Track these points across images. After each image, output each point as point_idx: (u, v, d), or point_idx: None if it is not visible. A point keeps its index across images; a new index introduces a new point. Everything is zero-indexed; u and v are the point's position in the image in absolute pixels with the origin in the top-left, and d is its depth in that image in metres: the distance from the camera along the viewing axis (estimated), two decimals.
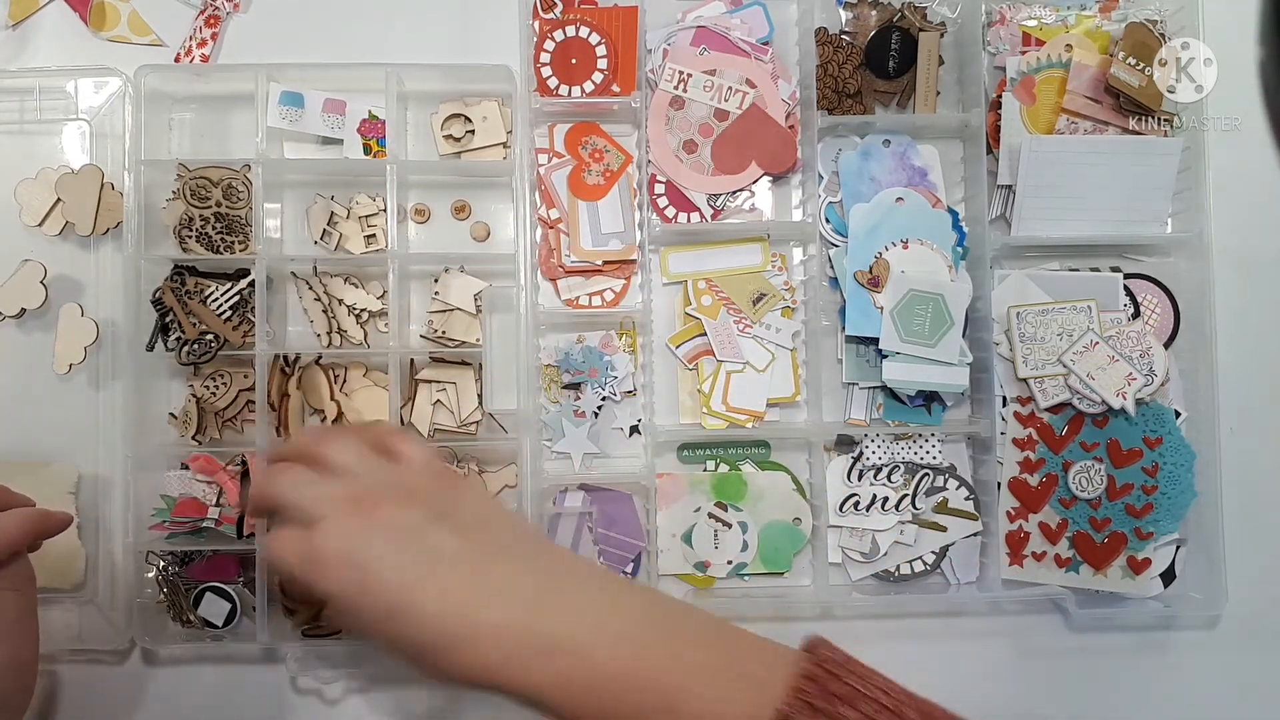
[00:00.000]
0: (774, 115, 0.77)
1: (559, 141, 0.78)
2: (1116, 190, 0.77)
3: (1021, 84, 0.77)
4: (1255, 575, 0.77)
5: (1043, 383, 0.76)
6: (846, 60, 0.77)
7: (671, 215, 0.77)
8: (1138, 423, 0.76)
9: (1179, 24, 0.77)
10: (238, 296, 0.74)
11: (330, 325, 0.76)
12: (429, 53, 0.77)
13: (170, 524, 0.73)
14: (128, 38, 0.78)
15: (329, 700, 0.75)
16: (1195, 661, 0.78)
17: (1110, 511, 0.76)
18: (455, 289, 0.76)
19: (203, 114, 0.78)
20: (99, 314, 0.75)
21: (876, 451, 0.76)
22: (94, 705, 0.75)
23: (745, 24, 0.78)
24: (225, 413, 0.76)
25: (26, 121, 0.77)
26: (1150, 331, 0.76)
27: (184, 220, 0.74)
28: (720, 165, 0.77)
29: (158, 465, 0.75)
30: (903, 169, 0.78)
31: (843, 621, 0.77)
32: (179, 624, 0.74)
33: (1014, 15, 0.79)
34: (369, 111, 0.77)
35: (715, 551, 0.76)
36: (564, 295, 0.77)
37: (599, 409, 0.77)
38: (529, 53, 0.76)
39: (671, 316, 0.78)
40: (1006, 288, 0.77)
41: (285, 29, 0.79)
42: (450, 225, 0.79)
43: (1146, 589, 0.76)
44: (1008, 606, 0.78)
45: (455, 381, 0.76)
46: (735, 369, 0.76)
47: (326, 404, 0.75)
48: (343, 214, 0.77)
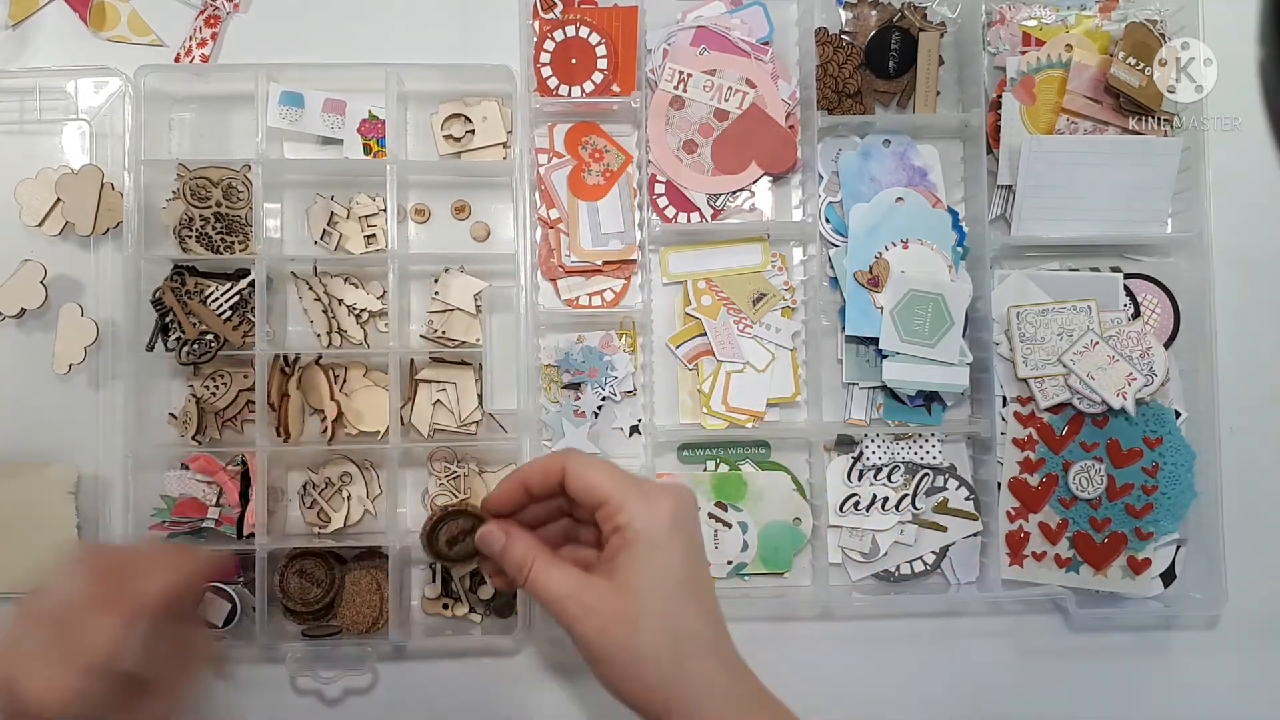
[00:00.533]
0: (774, 115, 0.77)
1: (559, 141, 0.78)
2: (1116, 190, 0.77)
3: (1021, 84, 0.77)
4: (1255, 575, 0.77)
5: (1043, 383, 0.76)
6: (846, 60, 0.77)
7: (671, 215, 0.77)
8: (1138, 423, 0.76)
9: (1179, 24, 0.77)
10: (238, 296, 0.74)
11: (330, 325, 0.76)
12: (429, 53, 0.77)
13: (170, 524, 0.73)
14: (128, 38, 0.78)
15: (329, 700, 0.75)
16: (1195, 661, 0.78)
17: (1110, 511, 0.76)
18: (455, 289, 0.76)
19: (203, 114, 0.78)
20: (99, 314, 0.75)
21: (876, 451, 0.76)
22: None
23: (745, 24, 0.78)
24: (225, 413, 0.76)
25: (26, 121, 0.77)
26: (1150, 331, 0.76)
27: (184, 220, 0.74)
28: (720, 165, 0.77)
29: (158, 465, 0.75)
30: (903, 169, 0.78)
31: (843, 622, 0.77)
32: None
33: (1014, 15, 0.79)
34: (369, 111, 0.77)
35: (715, 551, 0.76)
36: (564, 295, 0.77)
37: (599, 409, 0.77)
38: (529, 53, 0.76)
39: (671, 316, 0.78)
40: (1006, 288, 0.77)
41: (285, 29, 0.79)
42: (450, 225, 0.79)
43: (1146, 589, 0.76)
44: (1008, 606, 0.78)
45: (455, 381, 0.76)
46: (735, 369, 0.76)
47: (326, 404, 0.75)
48: (343, 214, 0.77)
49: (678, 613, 0.54)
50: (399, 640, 0.73)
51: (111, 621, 0.55)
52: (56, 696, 0.53)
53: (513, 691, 0.76)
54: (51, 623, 0.55)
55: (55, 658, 0.54)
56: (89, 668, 0.53)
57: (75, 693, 0.53)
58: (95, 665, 0.53)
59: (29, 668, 0.53)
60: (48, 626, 0.55)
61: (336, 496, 0.76)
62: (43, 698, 0.52)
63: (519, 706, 0.75)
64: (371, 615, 0.73)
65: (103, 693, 0.54)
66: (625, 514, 0.54)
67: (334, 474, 0.76)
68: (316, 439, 0.76)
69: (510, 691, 0.76)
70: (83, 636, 0.54)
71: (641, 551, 0.54)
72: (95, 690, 0.54)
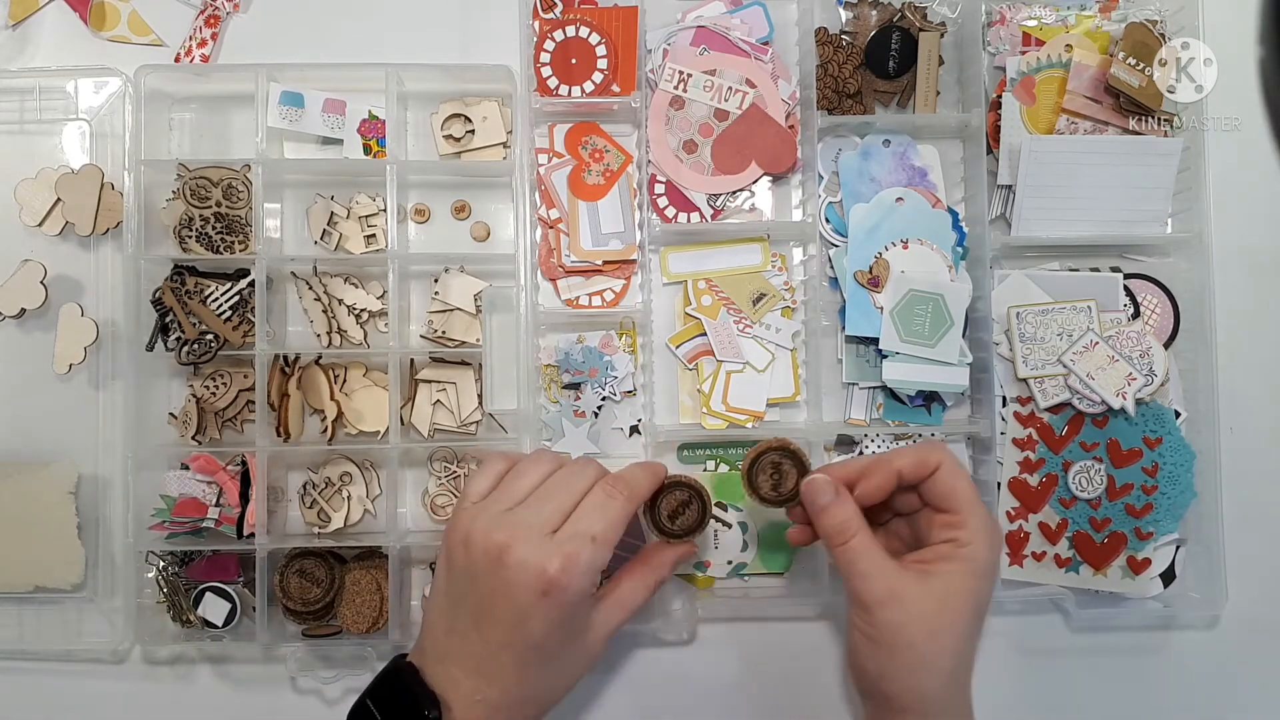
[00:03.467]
0: (774, 115, 0.77)
1: (559, 141, 0.78)
2: (1116, 190, 0.77)
3: (1021, 84, 0.77)
4: (1255, 575, 0.77)
5: (1043, 383, 0.76)
6: (846, 60, 0.77)
7: (671, 215, 0.77)
8: (1138, 423, 0.76)
9: (1179, 24, 0.77)
10: (238, 296, 0.74)
11: (330, 325, 0.76)
12: (429, 53, 0.77)
13: (170, 524, 0.73)
14: (128, 38, 0.78)
15: (329, 700, 0.75)
16: (1195, 661, 0.78)
17: (1110, 511, 0.76)
18: (455, 289, 0.76)
19: (203, 114, 0.78)
20: (99, 314, 0.75)
21: (877, 452, 0.76)
22: (94, 705, 0.75)
23: (745, 24, 0.78)
24: (225, 413, 0.76)
25: (26, 121, 0.77)
26: (1150, 331, 0.76)
27: (184, 220, 0.74)
28: (720, 165, 0.77)
29: (158, 465, 0.75)
30: (903, 169, 0.78)
31: (843, 622, 0.77)
32: (179, 624, 0.74)
33: (1014, 15, 0.79)
34: (369, 111, 0.77)
35: (715, 551, 0.76)
36: (564, 295, 0.78)
37: (599, 409, 0.77)
38: (529, 53, 0.76)
39: (671, 316, 0.78)
40: (1006, 288, 0.77)
41: (285, 29, 0.79)
42: (450, 225, 0.79)
43: (1146, 589, 0.76)
44: (1008, 606, 0.78)
45: (455, 381, 0.76)
46: (735, 369, 0.76)
47: (326, 404, 0.75)
48: (343, 214, 0.77)
49: (969, 640, 0.57)
50: (399, 640, 0.73)
51: (614, 502, 0.59)
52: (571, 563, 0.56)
53: None
54: (548, 499, 0.59)
55: (572, 530, 0.58)
56: (597, 538, 0.57)
57: (587, 561, 0.57)
58: (603, 537, 0.57)
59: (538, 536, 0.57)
60: (540, 501, 0.59)
61: (336, 496, 0.76)
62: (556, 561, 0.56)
63: None
64: (371, 615, 0.73)
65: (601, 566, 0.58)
66: (969, 533, 0.57)
67: (334, 474, 0.76)
68: (316, 439, 0.76)
69: None
70: (587, 511, 0.59)
71: (968, 572, 0.56)
72: (602, 562, 0.58)
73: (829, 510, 0.58)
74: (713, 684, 0.76)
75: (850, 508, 0.58)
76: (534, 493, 0.60)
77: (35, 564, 0.73)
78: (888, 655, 0.56)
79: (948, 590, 0.56)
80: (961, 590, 0.56)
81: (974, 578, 0.57)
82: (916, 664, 0.55)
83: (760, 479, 0.62)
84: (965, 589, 0.56)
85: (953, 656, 0.56)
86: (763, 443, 0.62)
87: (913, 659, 0.55)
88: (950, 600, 0.56)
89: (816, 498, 0.58)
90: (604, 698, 0.76)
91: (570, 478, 0.61)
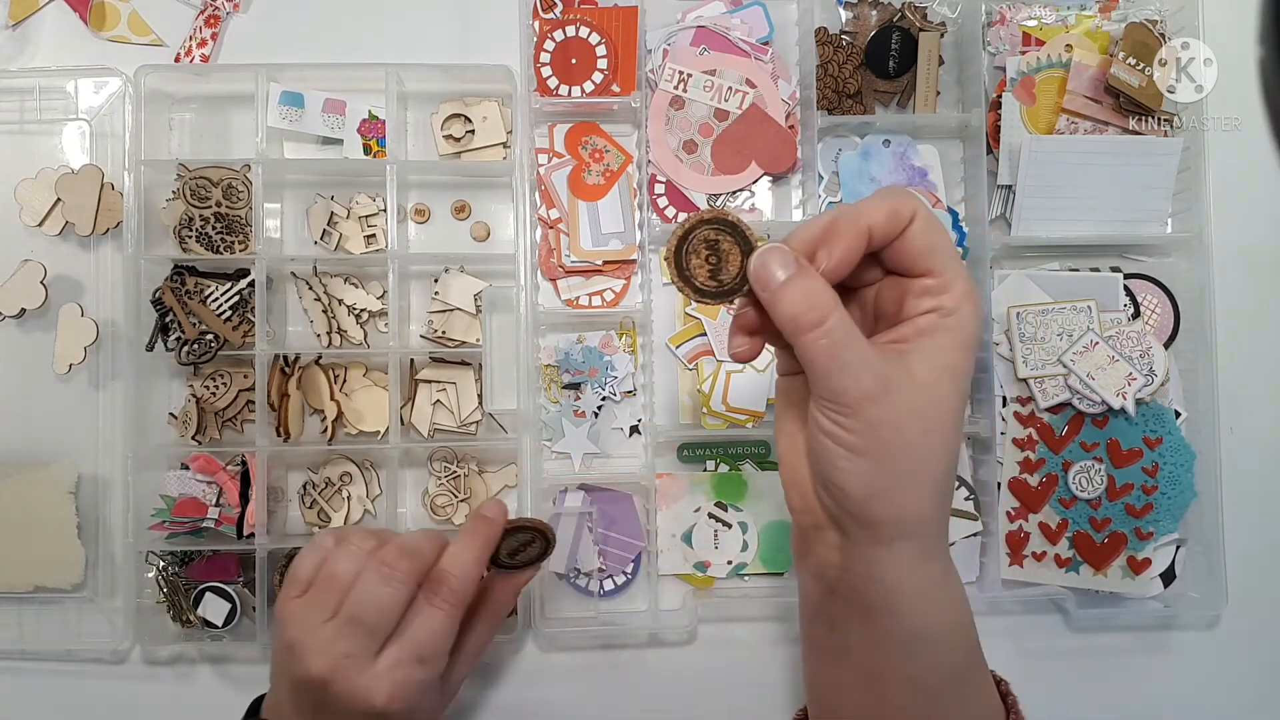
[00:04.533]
0: (774, 115, 0.77)
1: (559, 141, 0.78)
2: (1116, 190, 0.77)
3: (1021, 84, 0.77)
4: (1255, 575, 0.77)
5: (1043, 383, 0.76)
6: (846, 60, 0.77)
7: (671, 215, 0.77)
8: (1138, 423, 0.76)
9: (1179, 24, 0.77)
10: (238, 296, 0.74)
11: (330, 325, 0.76)
12: (429, 53, 0.77)
13: (170, 524, 0.73)
14: (128, 38, 0.78)
15: None
16: (1195, 661, 0.78)
17: (1110, 511, 0.76)
18: (455, 289, 0.76)
19: (203, 114, 0.78)
20: (99, 314, 0.75)
21: None
22: (94, 705, 0.75)
23: (745, 24, 0.78)
24: (225, 413, 0.76)
25: (26, 121, 0.77)
26: (1150, 331, 0.76)
27: (184, 220, 0.74)
28: (720, 165, 0.77)
29: (158, 465, 0.75)
30: (903, 169, 0.78)
31: None
32: (179, 624, 0.74)
33: (1014, 15, 0.79)
34: (369, 111, 0.77)
35: (715, 551, 0.76)
36: (564, 295, 0.78)
37: (599, 409, 0.77)
38: (529, 53, 0.76)
39: (671, 316, 0.78)
40: (1006, 288, 0.77)
41: (285, 29, 0.79)
42: (450, 225, 0.79)
43: (1146, 589, 0.76)
44: (1008, 606, 0.78)
45: (455, 381, 0.76)
46: (735, 369, 0.76)
47: (326, 404, 0.75)
48: (343, 214, 0.77)
49: (959, 433, 0.47)
50: None
51: (439, 614, 0.55)
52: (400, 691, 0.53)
53: (513, 689, 0.75)
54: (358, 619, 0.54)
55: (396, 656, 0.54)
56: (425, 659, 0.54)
57: (417, 685, 0.54)
58: (432, 655, 0.54)
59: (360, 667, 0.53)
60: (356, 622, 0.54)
61: (336, 496, 0.76)
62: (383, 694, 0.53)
63: (520, 702, 0.75)
64: None
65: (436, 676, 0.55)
66: (954, 297, 0.45)
67: (334, 474, 0.76)
68: (316, 439, 0.76)
69: (511, 689, 0.75)
70: (412, 631, 0.55)
71: (955, 344, 0.45)
72: (436, 675, 0.55)
73: (790, 286, 0.43)
74: (713, 684, 0.76)
75: (818, 281, 0.44)
76: (350, 595, 0.55)
77: (35, 564, 0.73)
78: (881, 466, 0.44)
79: (935, 371, 0.44)
80: (950, 368, 0.45)
81: (962, 350, 0.45)
82: (914, 470, 0.44)
83: (693, 263, 0.46)
84: (954, 366, 0.45)
85: (949, 455, 0.45)
86: (692, 215, 0.46)
87: (909, 465, 0.44)
88: (940, 384, 0.44)
89: (772, 272, 0.44)
90: (604, 698, 0.76)
91: (386, 580, 0.55)
